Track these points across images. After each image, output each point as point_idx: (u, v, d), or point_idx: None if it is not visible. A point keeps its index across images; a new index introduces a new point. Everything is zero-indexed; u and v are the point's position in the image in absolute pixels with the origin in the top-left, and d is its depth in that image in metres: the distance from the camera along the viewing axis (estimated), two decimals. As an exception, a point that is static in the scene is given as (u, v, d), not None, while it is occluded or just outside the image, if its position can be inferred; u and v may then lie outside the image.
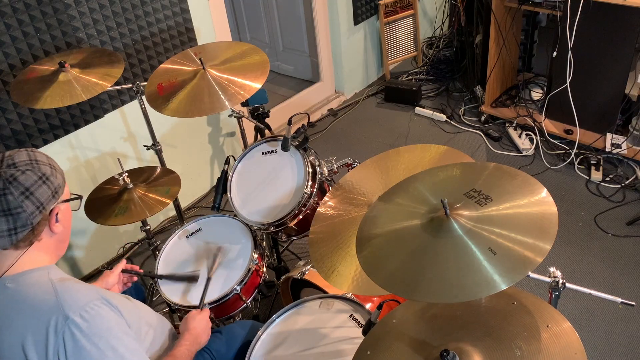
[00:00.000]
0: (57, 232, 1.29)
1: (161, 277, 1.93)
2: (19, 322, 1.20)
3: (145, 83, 2.15)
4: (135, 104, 2.58)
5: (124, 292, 1.75)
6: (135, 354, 1.24)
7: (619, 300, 1.21)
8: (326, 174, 2.08)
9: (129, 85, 2.28)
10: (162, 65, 2.19)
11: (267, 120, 2.68)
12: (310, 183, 2.00)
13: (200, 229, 2.08)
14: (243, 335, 1.75)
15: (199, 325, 1.62)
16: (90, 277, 2.78)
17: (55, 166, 1.30)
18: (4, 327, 1.21)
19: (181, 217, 2.62)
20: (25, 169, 1.21)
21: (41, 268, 1.27)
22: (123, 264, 1.76)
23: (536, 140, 3.26)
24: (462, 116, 3.64)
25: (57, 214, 1.27)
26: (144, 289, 2.06)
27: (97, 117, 2.59)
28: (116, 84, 2.07)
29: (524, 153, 3.24)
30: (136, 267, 1.80)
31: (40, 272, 1.27)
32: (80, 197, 1.38)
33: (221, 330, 1.76)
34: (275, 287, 2.41)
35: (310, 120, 3.80)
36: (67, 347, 1.16)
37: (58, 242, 1.32)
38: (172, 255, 2.02)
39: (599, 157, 3.03)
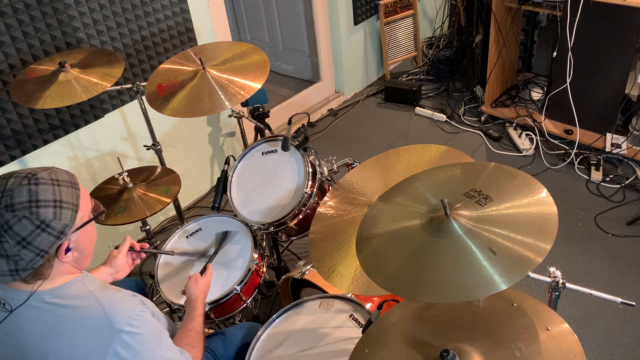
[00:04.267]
0: (67, 261, 1.23)
1: (171, 253, 1.95)
2: (68, 337, 1.20)
3: (145, 83, 2.15)
4: (135, 104, 2.58)
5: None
6: (172, 346, 1.32)
7: (619, 300, 1.21)
8: (326, 174, 2.08)
9: (129, 85, 2.28)
10: (162, 65, 2.19)
11: (267, 120, 2.68)
12: (310, 183, 2.00)
13: (200, 229, 2.08)
14: (241, 335, 1.75)
15: (206, 290, 1.68)
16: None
17: (65, 199, 1.19)
18: (51, 341, 1.20)
19: (181, 217, 2.62)
20: (22, 215, 1.12)
21: (75, 280, 1.26)
22: (128, 242, 1.73)
23: (536, 140, 3.26)
24: (462, 116, 3.64)
25: (67, 246, 1.20)
26: (145, 289, 2.06)
27: (97, 117, 2.59)
28: (116, 84, 2.08)
29: (524, 153, 3.24)
30: (145, 245, 1.78)
31: (76, 284, 1.25)
32: (102, 213, 1.31)
33: (224, 332, 1.76)
34: (275, 287, 2.41)
35: (310, 120, 3.80)
36: (121, 355, 1.19)
37: (76, 261, 1.26)
38: (172, 256, 2.01)
39: (599, 157, 3.03)
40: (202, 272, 1.77)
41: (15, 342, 1.22)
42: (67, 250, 1.21)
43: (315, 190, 2.00)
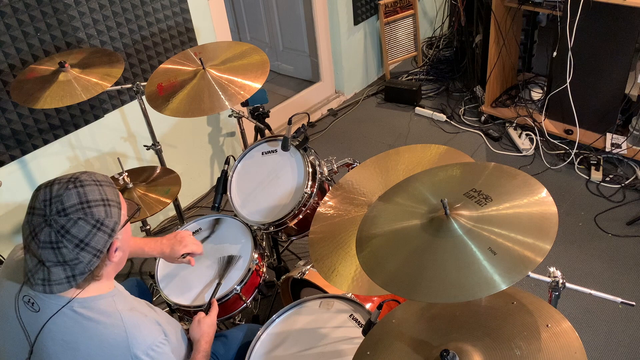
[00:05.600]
0: (116, 261, 1.25)
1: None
2: (85, 350, 1.20)
3: (145, 83, 2.15)
4: (135, 104, 2.58)
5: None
6: None
7: (619, 300, 1.21)
8: (326, 174, 2.08)
9: (129, 85, 2.28)
10: (162, 65, 2.19)
11: (267, 120, 2.68)
12: (310, 183, 2.00)
13: (200, 229, 2.08)
14: (242, 336, 1.75)
15: (211, 331, 1.64)
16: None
17: (110, 197, 1.20)
18: (68, 351, 1.21)
19: (181, 217, 2.62)
20: (77, 217, 1.13)
21: (106, 295, 1.26)
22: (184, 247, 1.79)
23: (536, 140, 3.26)
24: (462, 116, 3.64)
25: (116, 245, 1.22)
26: (147, 289, 2.06)
27: (97, 117, 2.59)
28: (116, 84, 2.07)
29: (524, 153, 3.24)
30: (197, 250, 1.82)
31: (106, 299, 1.26)
32: (139, 209, 1.35)
33: (226, 334, 1.76)
34: (275, 287, 2.41)
35: (310, 120, 3.81)
36: None
37: (119, 262, 1.29)
38: (172, 255, 2.01)
39: (599, 157, 3.03)
40: (207, 309, 1.74)
41: (37, 343, 1.22)
42: (115, 249, 1.22)
43: (315, 190, 2.00)
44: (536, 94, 3.48)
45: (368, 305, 1.70)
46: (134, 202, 1.36)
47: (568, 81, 2.92)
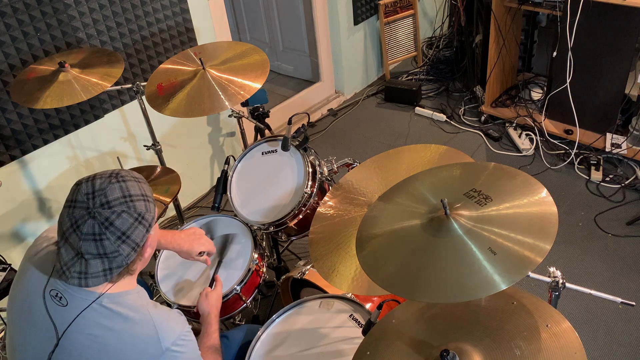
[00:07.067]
0: (146, 256, 1.27)
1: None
2: (115, 345, 1.22)
3: (145, 83, 2.15)
4: (135, 104, 2.58)
5: None
6: None
7: (619, 300, 1.21)
8: (326, 174, 2.08)
9: (129, 85, 2.28)
10: (162, 65, 2.19)
11: (267, 120, 2.68)
12: (310, 183, 2.00)
13: (199, 228, 2.08)
14: (241, 337, 1.75)
15: (218, 304, 1.70)
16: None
17: (147, 193, 1.24)
18: (96, 345, 1.22)
19: (181, 217, 2.62)
20: (121, 210, 1.16)
21: (132, 291, 1.28)
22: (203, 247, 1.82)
23: (536, 140, 3.26)
24: (462, 116, 3.64)
25: (149, 242, 1.24)
26: (149, 288, 2.06)
27: (97, 117, 2.59)
28: (116, 84, 2.07)
29: (524, 153, 3.24)
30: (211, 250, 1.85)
31: (133, 295, 1.27)
32: (166, 208, 1.38)
33: (227, 335, 1.77)
34: (275, 287, 2.41)
35: (310, 120, 3.81)
36: None
37: (148, 259, 1.30)
38: (172, 255, 2.01)
39: (599, 157, 3.03)
40: (211, 284, 1.79)
41: (64, 337, 1.22)
42: (148, 245, 1.24)
43: (315, 190, 2.00)
44: (536, 94, 3.48)
45: (368, 305, 1.70)
46: (160, 202, 1.39)
47: (568, 81, 2.92)
